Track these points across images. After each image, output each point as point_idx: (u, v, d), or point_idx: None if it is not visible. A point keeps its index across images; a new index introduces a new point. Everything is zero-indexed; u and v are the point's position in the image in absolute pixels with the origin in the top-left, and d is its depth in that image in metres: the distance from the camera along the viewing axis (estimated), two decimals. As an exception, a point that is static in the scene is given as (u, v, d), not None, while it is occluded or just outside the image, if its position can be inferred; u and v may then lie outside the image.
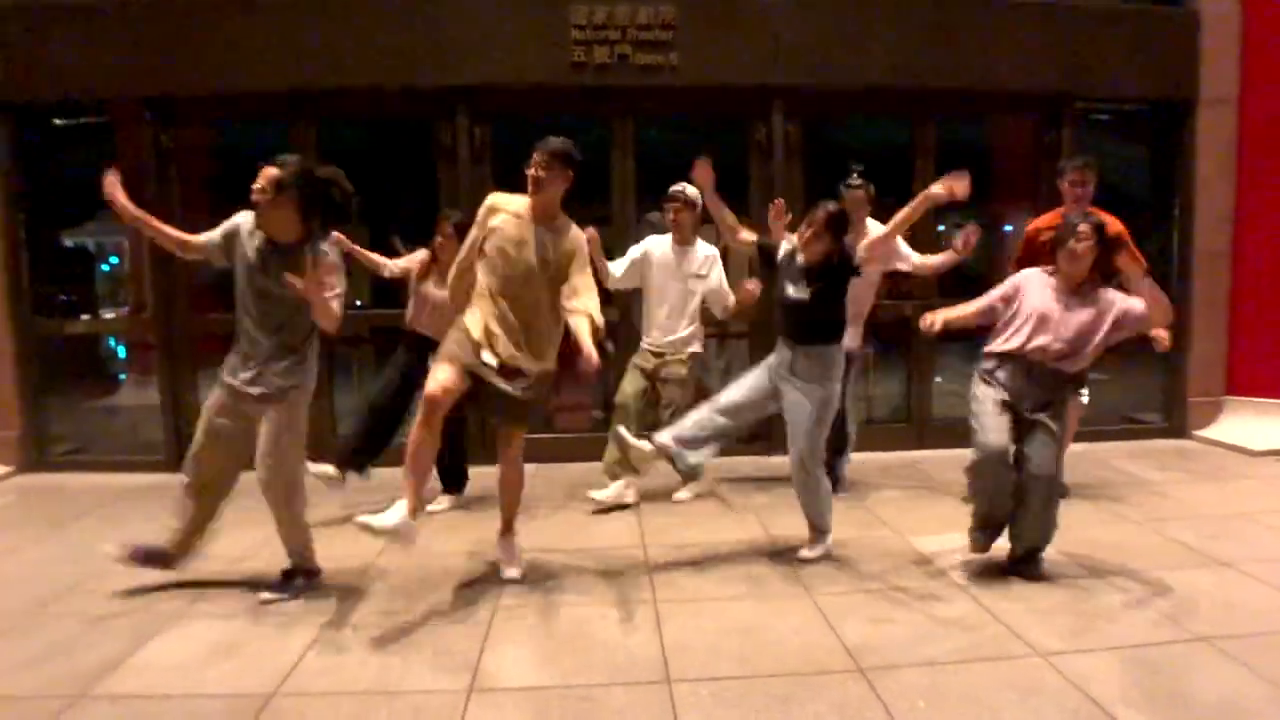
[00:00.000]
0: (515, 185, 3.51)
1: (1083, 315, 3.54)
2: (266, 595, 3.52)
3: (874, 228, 4.77)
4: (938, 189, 3.65)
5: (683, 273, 4.78)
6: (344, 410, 6.06)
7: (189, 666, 2.98)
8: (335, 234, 3.93)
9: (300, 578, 3.61)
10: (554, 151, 3.42)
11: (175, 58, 5.68)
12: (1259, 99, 6.24)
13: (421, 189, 5.92)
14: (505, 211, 3.49)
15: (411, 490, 3.25)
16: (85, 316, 6.93)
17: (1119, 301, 3.55)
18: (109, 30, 5.68)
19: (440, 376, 3.33)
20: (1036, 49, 6.04)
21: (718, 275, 4.84)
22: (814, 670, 2.88)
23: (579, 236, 3.55)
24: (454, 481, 4.90)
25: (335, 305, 3.34)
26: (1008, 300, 3.70)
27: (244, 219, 3.40)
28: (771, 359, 3.89)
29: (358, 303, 6.16)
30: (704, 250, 4.84)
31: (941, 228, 7.44)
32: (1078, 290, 3.59)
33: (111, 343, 7.53)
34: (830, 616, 3.30)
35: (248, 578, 3.73)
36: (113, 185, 3.42)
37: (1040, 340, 3.55)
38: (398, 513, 3.15)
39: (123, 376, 7.36)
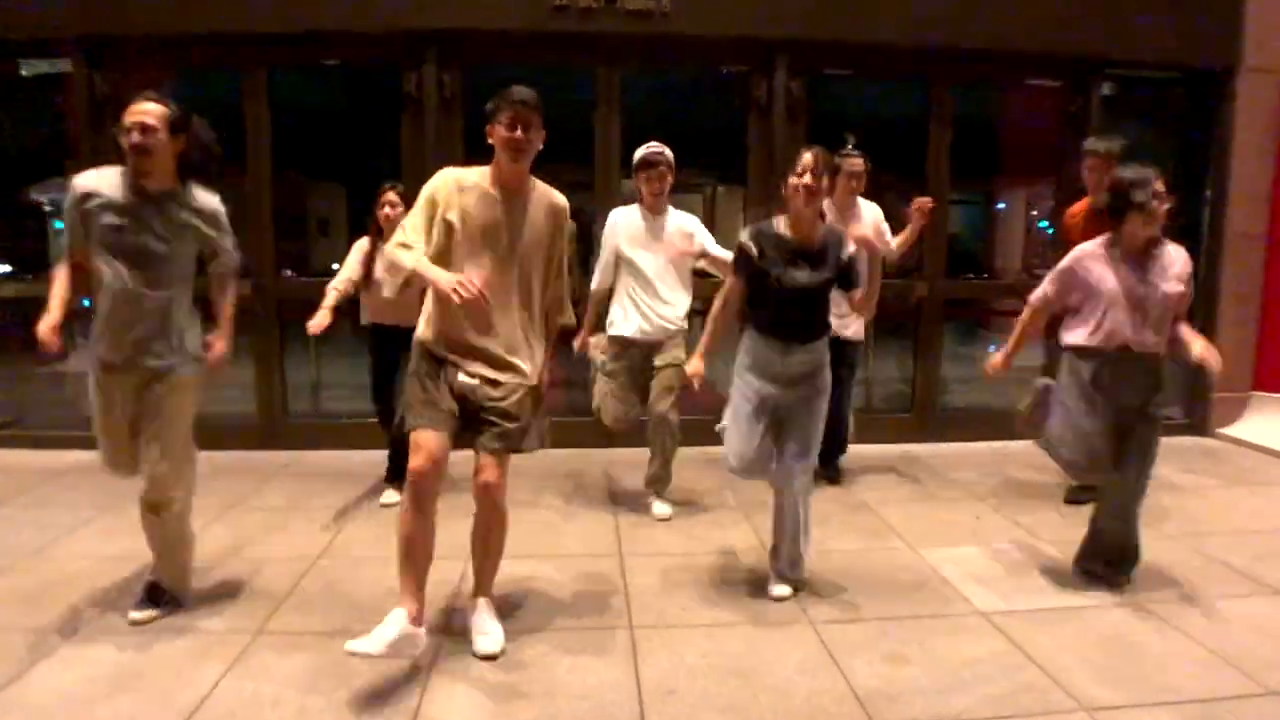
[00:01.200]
0: (484, 141, 2.86)
1: (1161, 279, 3.10)
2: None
3: (866, 209, 4.38)
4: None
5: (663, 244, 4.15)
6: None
7: (76, 700, 2.49)
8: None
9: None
10: (535, 104, 2.71)
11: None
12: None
13: (384, 143, 5.34)
14: (468, 187, 2.75)
15: (409, 590, 2.63)
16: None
17: (1180, 255, 3.17)
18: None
19: (423, 444, 2.66)
20: (1065, 7, 5.47)
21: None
22: (818, 725, 2.40)
23: (563, 205, 2.90)
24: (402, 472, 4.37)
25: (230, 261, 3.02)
26: (1064, 289, 3.24)
27: (83, 182, 2.83)
28: (751, 386, 3.14)
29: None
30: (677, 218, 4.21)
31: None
32: (1145, 252, 3.13)
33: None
34: (836, 652, 2.82)
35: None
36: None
37: (1126, 323, 3.09)
38: (394, 625, 2.52)
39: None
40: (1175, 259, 3.17)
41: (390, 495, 4.32)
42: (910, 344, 5.97)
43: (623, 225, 4.12)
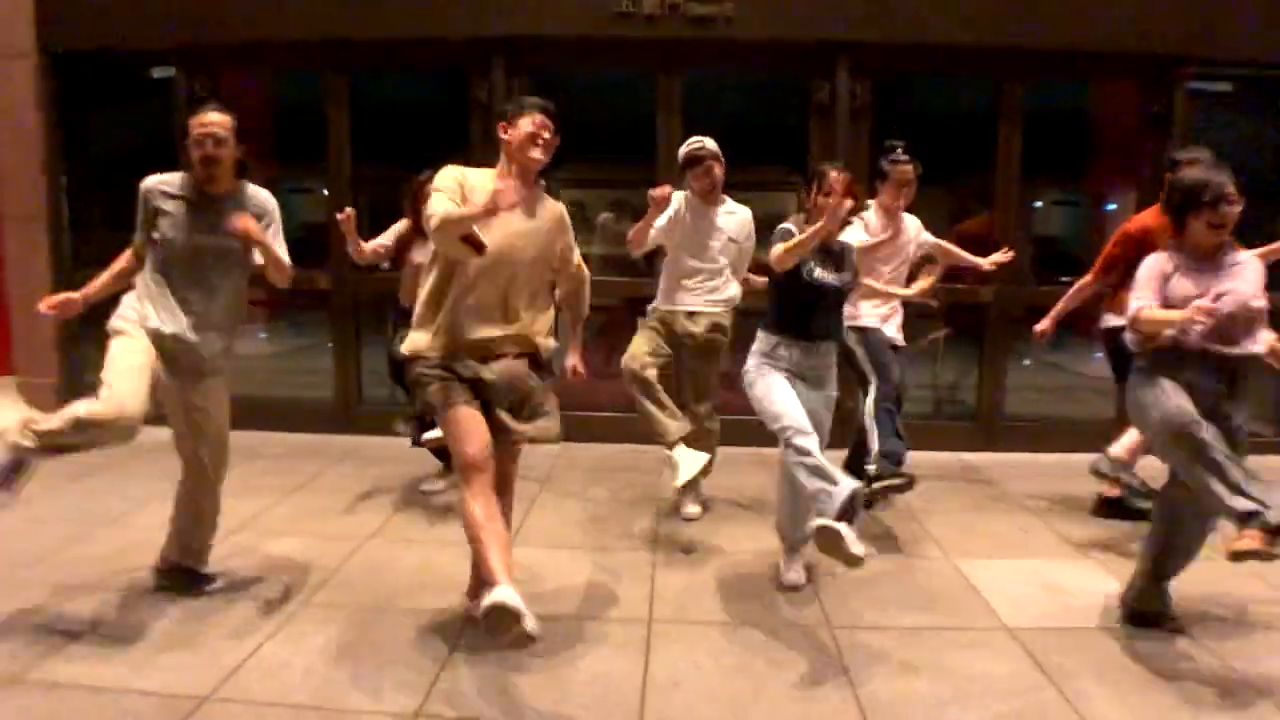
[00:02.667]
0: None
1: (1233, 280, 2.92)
2: None
3: (911, 223, 4.24)
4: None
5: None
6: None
7: (133, 657, 2.76)
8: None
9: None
10: (555, 113, 2.82)
11: (207, 5, 5.48)
12: None
13: (455, 144, 5.56)
14: (477, 187, 2.68)
15: (494, 559, 2.49)
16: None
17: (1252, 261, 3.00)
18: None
19: (472, 428, 2.64)
20: (1145, 4, 5.24)
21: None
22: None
23: (562, 210, 2.96)
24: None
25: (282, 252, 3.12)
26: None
27: (154, 184, 3.05)
28: (765, 361, 3.24)
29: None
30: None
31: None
32: (1213, 257, 2.96)
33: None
34: (848, 658, 2.83)
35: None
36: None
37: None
38: (504, 594, 2.31)
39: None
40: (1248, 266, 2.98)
41: (436, 483, 4.51)
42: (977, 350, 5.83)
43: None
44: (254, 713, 2.46)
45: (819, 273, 3.10)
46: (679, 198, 4.01)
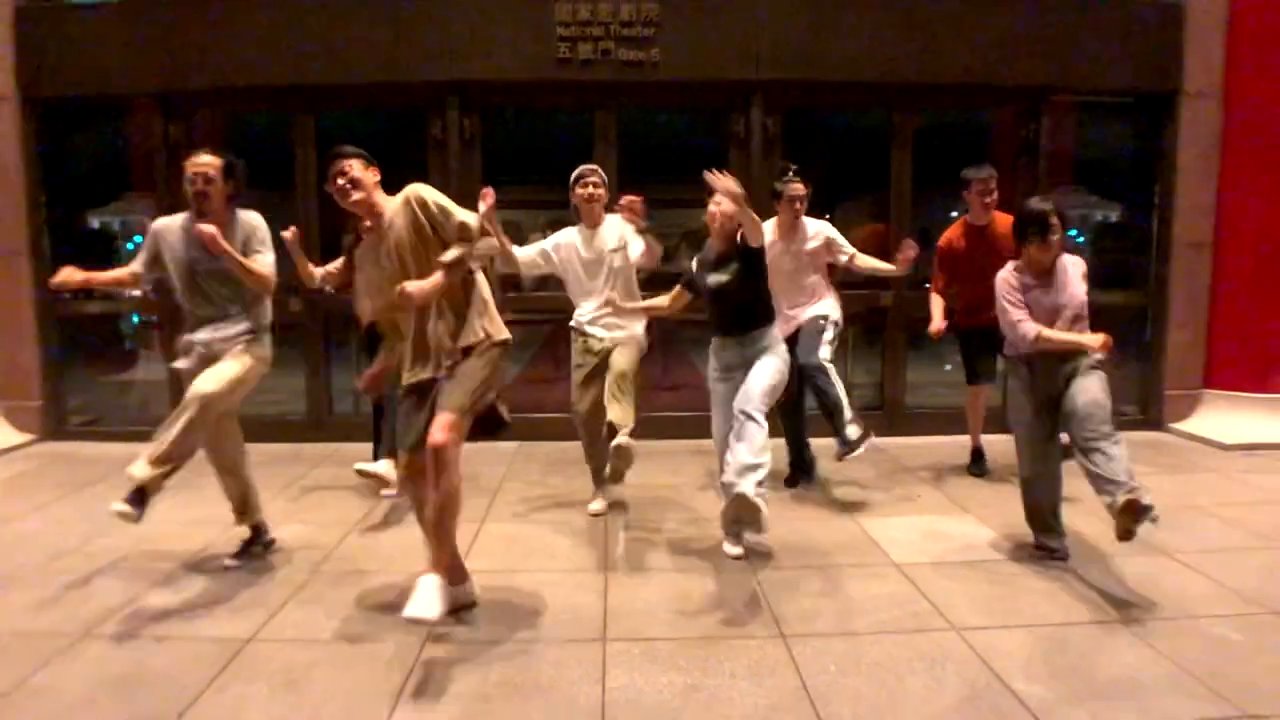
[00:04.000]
0: (503, 172, 3.61)
1: (1059, 290, 3.72)
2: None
3: (812, 225, 4.76)
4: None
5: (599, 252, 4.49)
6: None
7: (180, 614, 3.34)
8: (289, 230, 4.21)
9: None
10: (351, 153, 3.15)
11: (181, 55, 5.99)
12: (1243, 92, 6.28)
13: (415, 176, 6.12)
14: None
15: (433, 557, 3.01)
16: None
17: (1072, 263, 3.76)
18: (120, 29, 6.00)
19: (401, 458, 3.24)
20: (1016, 41, 6.13)
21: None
22: (740, 635, 3.11)
23: (406, 196, 3.15)
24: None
25: (262, 266, 3.61)
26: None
27: (161, 225, 3.66)
28: (713, 372, 3.98)
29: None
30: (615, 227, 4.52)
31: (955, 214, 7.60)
32: (1048, 272, 3.74)
33: (135, 319, 7.90)
34: (767, 589, 3.53)
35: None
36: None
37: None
38: (429, 589, 2.85)
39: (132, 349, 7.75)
40: (1067, 265, 3.75)
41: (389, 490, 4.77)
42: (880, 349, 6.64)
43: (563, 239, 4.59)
44: (292, 647, 3.04)
45: (709, 279, 3.83)
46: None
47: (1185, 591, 3.52)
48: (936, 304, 5.01)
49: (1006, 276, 3.82)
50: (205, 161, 3.55)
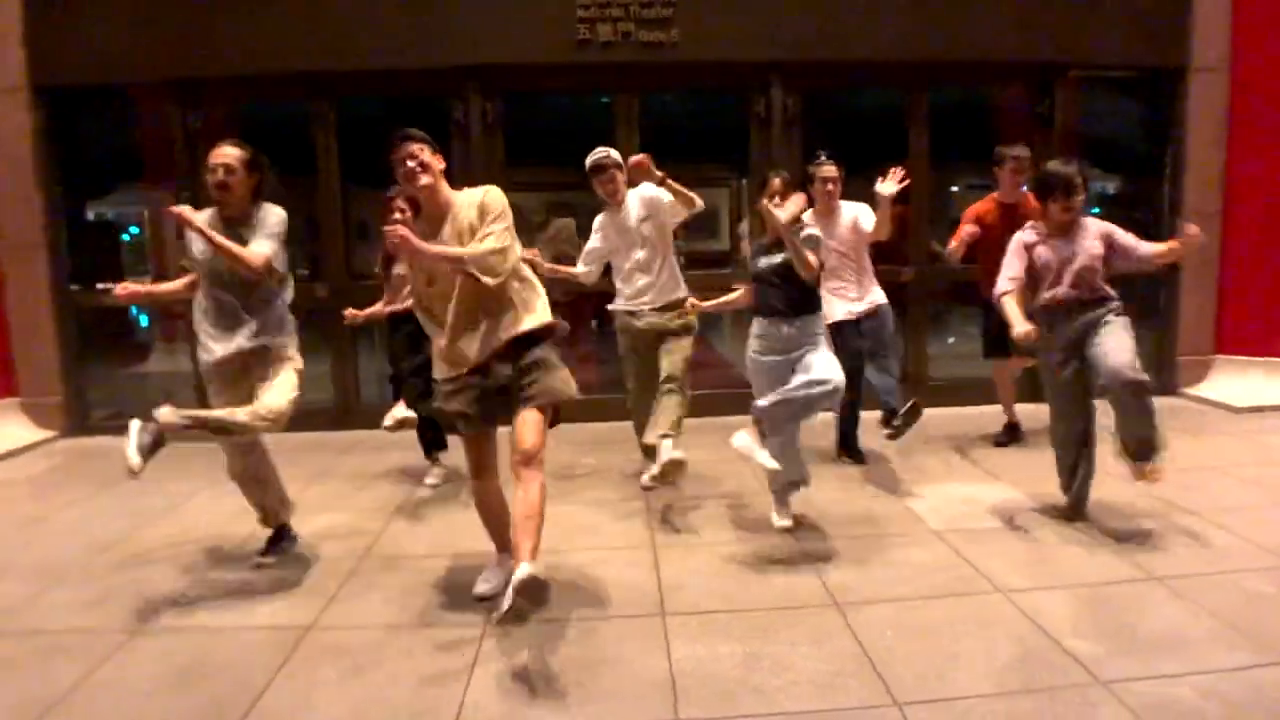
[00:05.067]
0: (525, 157, 3.56)
1: (1074, 243, 3.82)
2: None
3: (847, 210, 4.79)
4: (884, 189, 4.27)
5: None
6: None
7: (236, 604, 3.37)
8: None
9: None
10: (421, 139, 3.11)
11: (198, 43, 5.95)
12: (1249, 66, 6.36)
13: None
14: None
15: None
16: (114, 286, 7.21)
17: (1099, 226, 3.85)
18: (135, 16, 5.95)
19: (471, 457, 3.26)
20: (1030, 18, 6.17)
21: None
22: (795, 605, 3.20)
23: (481, 197, 3.12)
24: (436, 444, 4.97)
25: (249, 250, 3.38)
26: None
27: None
28: (759, 355, 3.87)
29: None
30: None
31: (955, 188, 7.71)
32: (1067, 230, 3.84)
33: (134, 312, 7.88)
34: (815, 559, 3.62)
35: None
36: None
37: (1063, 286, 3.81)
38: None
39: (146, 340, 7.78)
40: (1090, 228, 3.85)
41: (432, 476, 4.92)
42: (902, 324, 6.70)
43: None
44: (353, 633, 3.09)
45: (761, 262, 3.85)
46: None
47: (1215, 548, 3.63)
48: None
49: (1023, 236, 3.97)
50: (227, 152, 3.44)
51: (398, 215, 4.37)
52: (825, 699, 2.57)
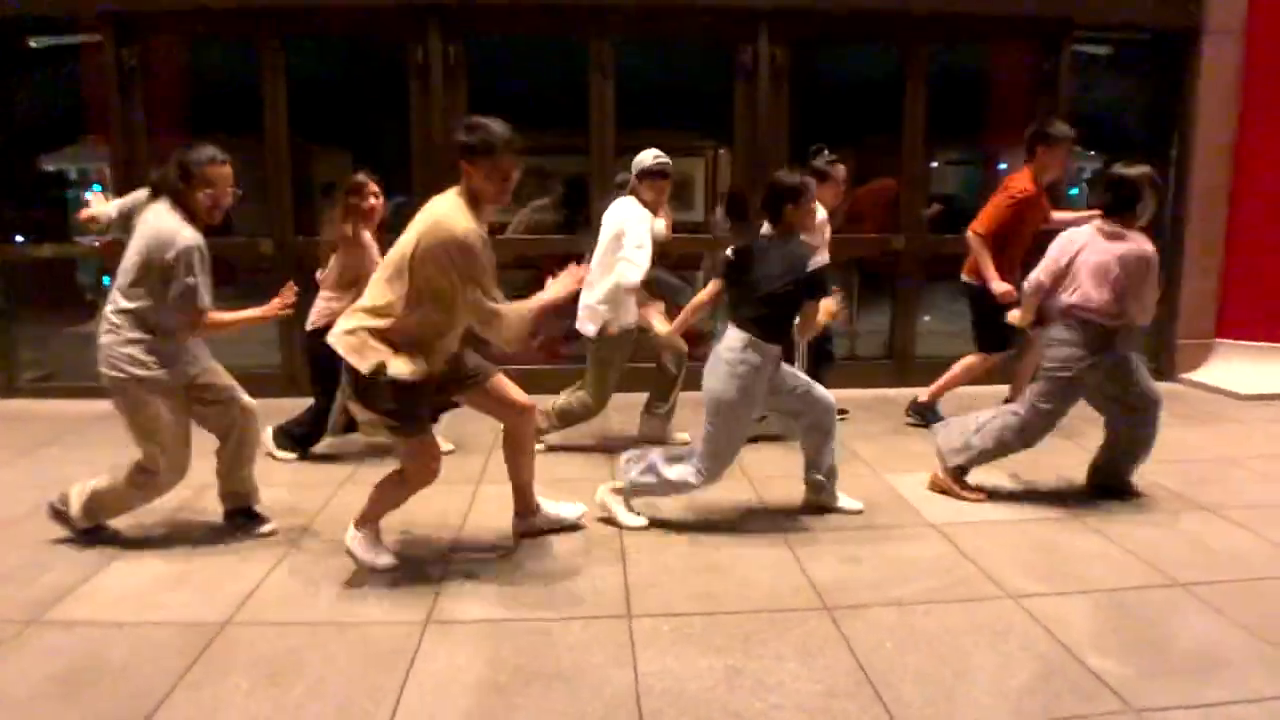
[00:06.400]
0: (490, 108, 3.10)
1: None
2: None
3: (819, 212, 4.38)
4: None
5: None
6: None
7: (144, 594, 2.94)
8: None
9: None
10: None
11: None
12: (1265, 29, 5.99)
13: (395, 112, 5.68)
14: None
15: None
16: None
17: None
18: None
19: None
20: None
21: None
22: (780, 608, 2.81)
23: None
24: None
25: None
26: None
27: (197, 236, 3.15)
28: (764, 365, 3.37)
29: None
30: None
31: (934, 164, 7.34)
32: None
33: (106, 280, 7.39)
34: (801, 555, 3.23)
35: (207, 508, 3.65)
36: None
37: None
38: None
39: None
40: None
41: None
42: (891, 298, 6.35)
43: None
44: (274, 632, 2.67)
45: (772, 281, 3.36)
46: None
47: (1239, 550, 3.31)
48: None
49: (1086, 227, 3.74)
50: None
51: (373, 201, 4.17)
52: (817, 727, 2.19)
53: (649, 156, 4.27)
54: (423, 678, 2.42)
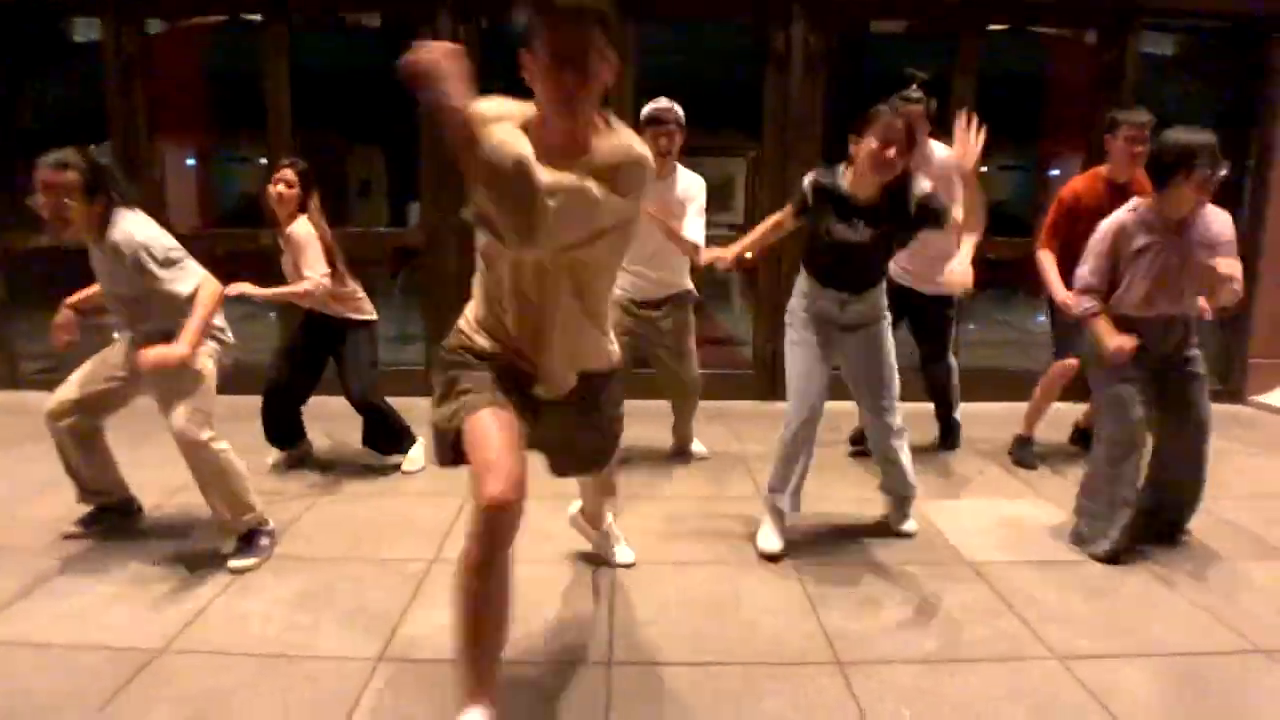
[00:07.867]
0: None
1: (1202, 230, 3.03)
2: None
3: (938, 150, 3.96)
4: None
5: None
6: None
7: (83, 612, 2.66)
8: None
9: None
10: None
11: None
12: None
13: (404, 101, 5.38)
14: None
15: (475, 675, 1.85)
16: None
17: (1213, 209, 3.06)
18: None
19: (494, 462, 1.89)
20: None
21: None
22: (783, 660, 2.43)
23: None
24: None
25: None
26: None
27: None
28: (802, 330, 3.17)
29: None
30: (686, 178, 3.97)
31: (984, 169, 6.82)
32: (1184, 220, 3.02)
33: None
34: (814, 595, 2.83)
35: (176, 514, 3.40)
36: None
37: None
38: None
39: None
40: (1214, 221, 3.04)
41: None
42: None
43: None
44: (214, 662, 2.37)
45: (838, 230, 3.02)
46: None
47: (1333, 608, 2.82)
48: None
49: (1123, 222, 3.10)
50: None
51: (282, 189, 3.77)
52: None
53: (650, 106, 3.86)
54: (365, 724, 2.08)
